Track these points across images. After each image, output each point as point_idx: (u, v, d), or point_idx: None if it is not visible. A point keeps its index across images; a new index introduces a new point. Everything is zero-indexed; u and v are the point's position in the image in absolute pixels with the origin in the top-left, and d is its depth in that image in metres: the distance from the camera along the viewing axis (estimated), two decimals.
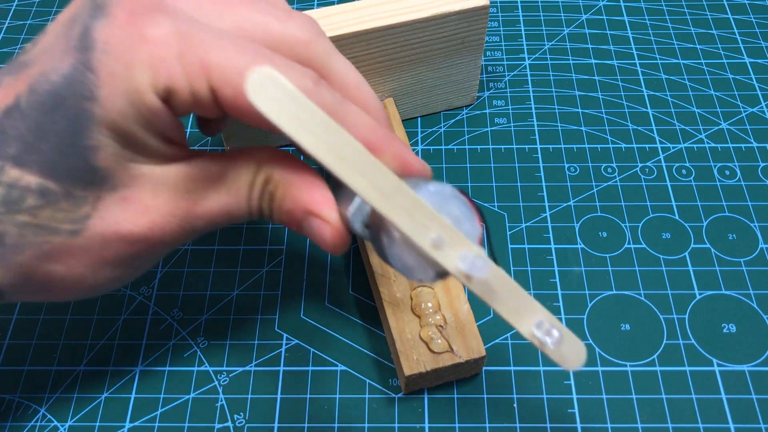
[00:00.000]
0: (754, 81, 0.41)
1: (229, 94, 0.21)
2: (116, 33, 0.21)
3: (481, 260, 0.20)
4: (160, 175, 0.23)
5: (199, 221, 0.24)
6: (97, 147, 0.22)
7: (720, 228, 0.35)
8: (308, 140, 0.18)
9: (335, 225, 0.23)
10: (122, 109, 0.21)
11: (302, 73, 0.22)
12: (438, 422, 0.29)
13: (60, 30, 0.22)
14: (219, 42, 0.21)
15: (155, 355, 0.31)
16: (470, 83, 0.39)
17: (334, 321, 0.32)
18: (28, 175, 0.22)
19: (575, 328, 0.32)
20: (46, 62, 0.22)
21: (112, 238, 0.23)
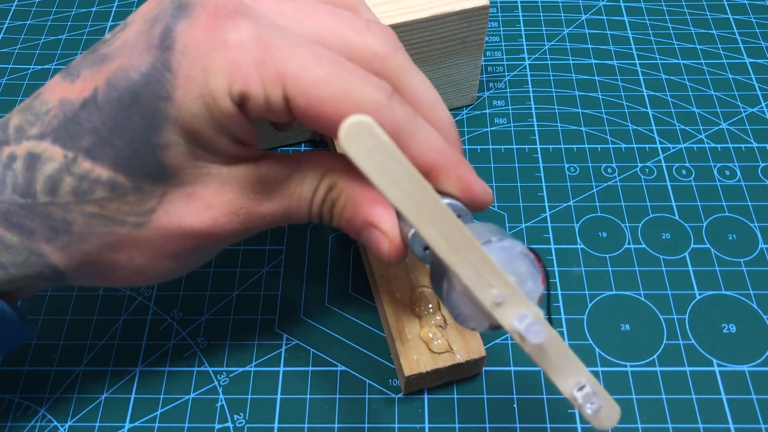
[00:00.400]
0: (754, 81, 0.41)
1: (302, 104, 0.21)
2: (197, 35, 0.21)
3: (538, 325, 0.20)
4: (226, 174, 0.23)
5: (260, 221, 0.24)
6: (168, 145, 0.22)
7: (720, 228, 0.35)
8: (391, 190, 0.18)
9: (393, 239, 0.24)
10: (196, 111, 0.21)
11: (377, 87, 0.22)
12: (438, 422, 0.29)
13: (142, 27, 0.22)
14: (297, 51, 0.21)
15: (155, 355, 0.31)
16: (470, 83, 0.39)
17: (334, 321, 0.32)
18: (99, 168, 0.22)
19: (575, 328, 0.32)
20: (126, 58, 0.22)
21: (174, 231, 0.23)
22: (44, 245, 0.23)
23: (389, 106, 0.22)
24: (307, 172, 0.24)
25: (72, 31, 0.46)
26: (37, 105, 0.23)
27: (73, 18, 0.47)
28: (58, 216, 0.23)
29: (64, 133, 0.22)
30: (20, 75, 0.43)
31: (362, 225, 0.24)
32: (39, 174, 0.22)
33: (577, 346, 0.31)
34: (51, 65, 0.44)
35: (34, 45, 0.45)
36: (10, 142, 0.23)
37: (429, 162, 0.23)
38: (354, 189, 0.24)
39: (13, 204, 0.22)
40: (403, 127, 0.22)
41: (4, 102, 0.42)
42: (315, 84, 0.21)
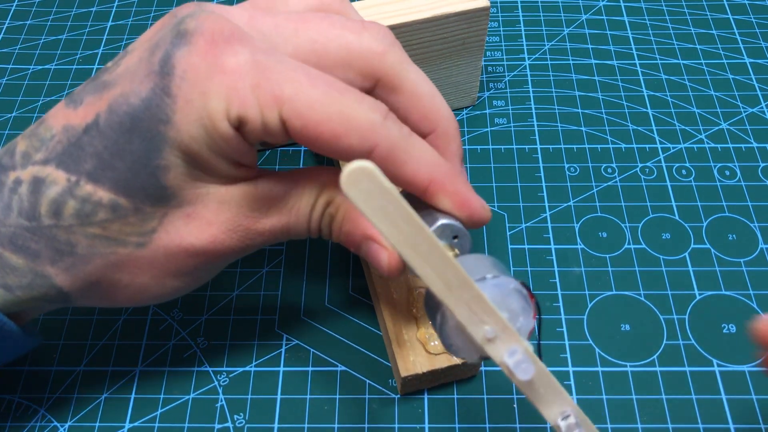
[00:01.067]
0: (754, 81, 0.41)
1: (298, 126, 0.22)
2: (195, 61, 0.22)
3: (527, 363, 0.21)
4: (225, 194, 0.24)
5: (259, 237, 0.25)
6: (168, 167, 0.23)
7: (720, 228, 0.35)
8: (389, 230, 0.18)
9: (393, 252, 0.24)
10: (195, 134, 0.22)
11: (372, 107, 0.22)
12: (438, 423, 0.29)
13: (142, 54, 0.23)
14: (292, 74, 0.22)
15: (155, 355, 0.31)
16: (470, 84, 0.39)
17: (334, 321, 0.32)
18: (101, 191, 0.23)
19: (575, 329, 0.32)
20: (127, 84, 0.22)
21: (175, 250, 0.24)
22: (49, 267, 0.23)
23: (384, 126, 0.22)
24: (305, 188, 0.25)
25: (72, 31, 0.46)
26: (41, 131, 0.24)
27: (73, 18, 0.47)
28: (62, 238, 0.23)
29: (67, 157, 0.23)
30: (20, 75, 0.43)
31: (361, 238, 0.25)
32: (43, 197, 0.23)
33: (577, 346, 0.31)
34: (51, 65, 0.44)
35: (34, 45, 0.45)
36: (17, 167, 0.23)
37: (426, 179, 0.23)
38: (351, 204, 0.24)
39: (18, 227, 0.23)
40: (399, 146, 0.23)
41: (4, 102, 0.42)
42: (310, 106, 0.21)
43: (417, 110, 0.25)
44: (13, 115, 0.41)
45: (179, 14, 0.23)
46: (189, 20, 0.22)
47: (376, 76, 0.24)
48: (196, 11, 0.23)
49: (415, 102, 0.24)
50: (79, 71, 0.43)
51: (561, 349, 0.31)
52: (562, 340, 0.31)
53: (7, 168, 0.24)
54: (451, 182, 0.24)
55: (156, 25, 0.24)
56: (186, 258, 0.24)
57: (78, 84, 0.43)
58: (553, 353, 0.31)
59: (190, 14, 0.23)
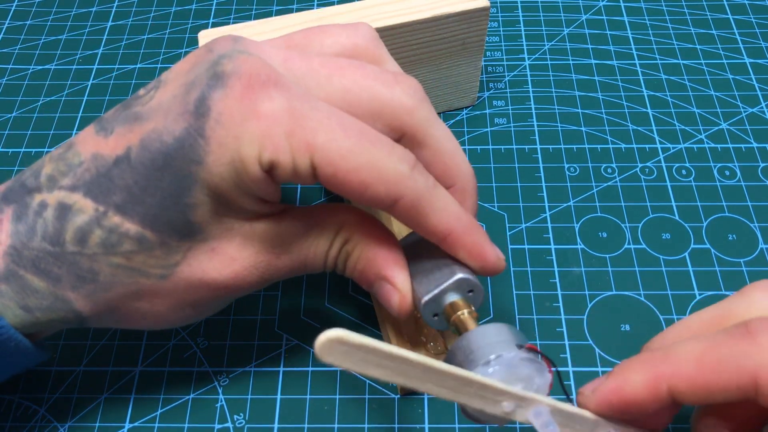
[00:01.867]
0: (754, 81, 0.41)
1: (328, 173, 0.22)
2: (231, 105, 0.22)
3: (552, 425, 0.21)
4: (249, 230, 0.24)
5: (277, 273, 0.25)
6: (197, 205, 0.23)
7: (720, 228, 0.35)
8: (376, 372, 0.19)
9: (405, 295, 0.25)
10: (225, 175, 0.22)
11: (401, 158, 0.23)
12: (438, 423, 0.29)
13: (177, 90, 0.23)
14: (326, 121, 0.22)
15: (155, 355, 0.31)
16: (470, 84, 0.39)
17: (334, 322, 0.32)
18: (128, 223, 0.23)
19: (575, 329, 0.32)
20: (161, 121, 0.22)
21: (196, 284, 0.24)
22: (70, 292, 0.24)
23: (411, 177, 0.23)
24: (324, 226, 0.25)
25: (72, 31, 0.46)
26: (70, 156, 0.24)
27: (73, 18, 0.47)
28: (85, 265, 0.23)
29: (96, 187, 0.23)
30: (20, 75, 0.43)
31: (375, 278, 0.25)
32: (69, 224, 0.23)
33: (577, 346, 0.31)
34: (51, 65, 0.44)
35: (34, 45, 0.45)
36: (42, 189, 0.23)
37: (445, 231, 0.24)
38: (369, 243, 0.25)
39: (42, 251, 0.23)
40: (424, 196, 0.23)
41: (4, 102, 0.42)
42: (342, 155, 0.22)
43: (439, 166, 0.25)
44: (13, 115, 0.41)
45: (216, 50, 0.23)
46: (226, 62, 0.22)
47: (403, 129, 0.24)
48: (233, 51, 0.23)
49: (438, 158, 0.25)
50: (79, 71, 0.43)
51: (561, 349, 0.31)
52: (562, 340, 0.31)
53: (32, 190, 0.24)
54: (468, 235, 0.24)
55: (190, 58, 0.24)
56: (206, 291, 0.25)
57: (78, 84, 0.43)
58: (553, 353, 0.31)
59: (228, 54, 0.22)
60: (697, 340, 0.20)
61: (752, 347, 0.19)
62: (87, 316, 0.25)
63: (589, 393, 0.22)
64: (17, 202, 0.24)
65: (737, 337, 0.19)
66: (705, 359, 0.19)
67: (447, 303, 0.24)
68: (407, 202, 0.23)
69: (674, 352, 0.20)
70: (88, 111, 0.41)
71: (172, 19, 0.47)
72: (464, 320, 0.24)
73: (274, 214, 0.25)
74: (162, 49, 0.45)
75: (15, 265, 0.23)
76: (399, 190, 0.23)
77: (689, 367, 0.19)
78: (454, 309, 0.24)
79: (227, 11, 0.47)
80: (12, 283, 0.23)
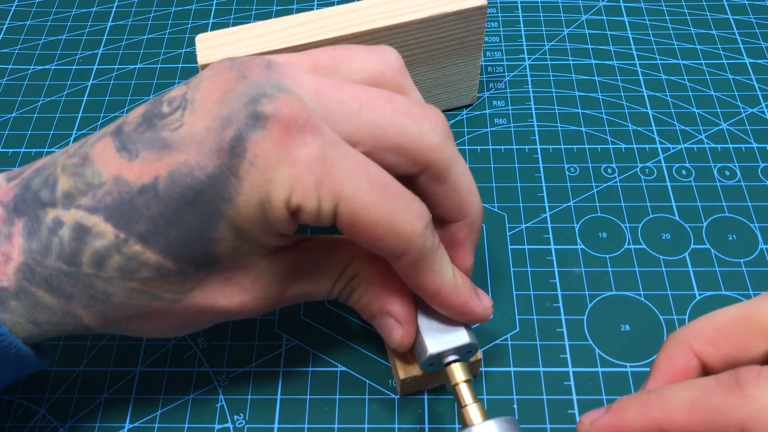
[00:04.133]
0: (754, 81, 0.41)
1: (347, 222, 0.23)
2: (267, 148, 0.22)
3: None
4: (266, 265, 0.25)
5: (283, 302, 0.26)
6: (220, 240, 0.23)
7: (720, 228, 0.35)
8: None
9: (409, 331, 0.27)
10: (253, 215, 0.22)
11: (417, 215, 0.23)
12: (438, 423, 0.29)
13: (212, 124, 0.22)
14: (355, 173, 0.22)
15: (155, 355, 0.31)
16: (470, 83, 0.39)
17: (334, 321, 0.32)
18: (149, 252, 0.23)
19: (575, 329, 0.32)
20: (193, 154, 0.22)
21: (205, 309, 0.25)
22: (81, 309, 0.24)
23: (422, 235, 0.24)
24: (334, 260, 0.26)
25: (72, 31, 0.46)
26: (89, 174, 0.23)
27: (73, 18, 0.47)
28: (100, 287, 0.23)
29: (118, 213, 0.23)
30: (20, 75, 0.43)
31: (378, 312, 0.27)
32: (87, 247, 0.23)
33: (577, 347, 0.31)
34: (51, 65, 0.44)
35: (34, 45, 0.45)
36: (57, 205, 0.23)
37: (436, 290, 0.25)
38: (375, 278, 0.26)
39: (55, 270, 0.23)
40: (426, 257, 0.24)
41: (4, 102, 0.42)
42: (365, 207, 0.22)
43: (454, 200, 0.26)
44: (13, 115, 0.41)
45: (250, 77, 0.23)
46: (266, 102, 0.22)
47: (427, 165, 0.25)
48: (272, 88, 0.22)
49: (455, 193, 0.26)
50: (78, 71, 0.44)
51: (561, 349, 0.31)
52: (562, 340, 0.31)
53: (45, 204, 0.23)
54: (456, 297, 0.26)
55: (220, 81, 0.23)
56: (213, 315, 0.25)
57: (78, 84, 0.43)
58: (553, 353, 0.31)
59: (267, 94, 0.22)
60: (691, 386, 0.20)
61: (740, 399, 0.19)
62: (94, 328, 0.25)
63: (588, 424, 0.22)
64: (28, 215, 0.23)
65: (727, 388, 0.19)
66: (695, 408, 0.20)
67: (446, 361, 0.26)
68: (412, 258, 0.24)
69: (668, 397, 0.20)
70: (88, 111, 0.41)
71: (172, 19, 0.47)
72: (469, 412, 0.25)
73: (288, 247, 0.25)
74: (162, 49, 0.45)
75: (27, 282, 0.23)
76: (409, 246, 0.23)
77: (680, 414, 0.20)
78: (454, 373, 0.26)
79: (227, 11, 0.47)
80: (23, 299, 0.23)
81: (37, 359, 0.25)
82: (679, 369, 0.22)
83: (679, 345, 0.22)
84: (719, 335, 0.22)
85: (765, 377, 0.19)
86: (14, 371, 0.25)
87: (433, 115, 0.25)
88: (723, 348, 0.22)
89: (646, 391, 0.21)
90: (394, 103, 0.24)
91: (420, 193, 0.26)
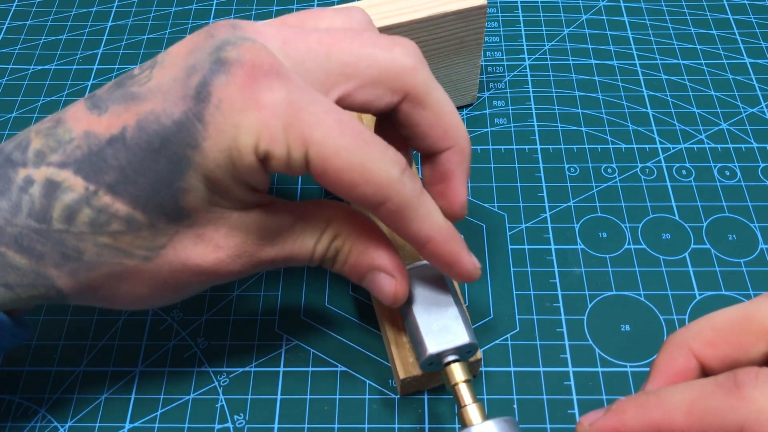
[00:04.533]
0: (754, 81, 0.41)
1: (320, 168, 0.22)
2: (232, 92, 0.22)
3: None
4: (236, 219, 0.24)
5: (260, 264, 0.26)
6: (189, 189, 0.23)
7: (720, 228, 0.35)
8: None
9: (401, 279, 0.26)
10: (221, 162, 0.22)
11: (392, 161, 0.23)
12: (438, 423, 0.29)
13: (178, 73, 0.23)
14: (324, 117, 0.22)
15: (155, 355, 0.31)
16: (470, 83, 0.39)
17: (334, 321, 0.32)
18: (119, 203, 0.23)
19: (575, 329, 0.32)
20: (159, 103, 0.22)
21: (179, 268, 0.24)
22: (52, 269, 0.24)
23: (400, 181, 0.23)
24: (312, 220, 0.26)
25: (72, 31, 0.46)
26: (60, 132, 0.23)
27: (73, 18, 0.47)
28: (71, 244, 0.23)
29: (87, 165, 0.23)
30: (20, 75, 0.43)
31: (367, 269, 0.26)
32: (57, 202, 0.23)
33: (577, 347, 0.31)
34: (51, 65, 0.44)
35: (34, 45, 0.45)
36: (28, 164, 0.23)
37: (425, 238, 0.25)
38: (359, 237, 0.26)
39: (26, 228, 0.23)
40: (410, 202, 0.24)
41: (4, 102, 0.42)
42: (336, 152, 0.22)
43: (440, 126, 0.25)
44: (13, 115, 0.41)
45: (217, 35, 0.23)
46: (230, 48, 0.22)
47: (406, 90, 0.25)
48: (236, 39, 0.23)
49: (439, 119, 0.25)
50: (78, 71, 0.44)
51: (561, 349, 0.31)
52: (562, 340, 0.31)
53: (16, 164, 0.23)
54: (448, 244, 0.25)
55: (188, 42, 0.24)
56: (188, 275, 0.25)
57: (78, 84, 0.43)
58: (553, 353, 0.31)
59: (231, 42, 0.23)
60: (689, 388, 0.20)
61: (739, 401, 0.19)
62: (68, 294, 0.24)
63: (587, 426, 0.22)
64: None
65: (725, 389, 0.19)
66: (694, 410, 0.20)
67: (446, 361, 0.26)
68: (393, 206, 0.23)
69: (667, 399, 0.20)
70: None
71: (172, 19, 0.47)
72: (468, 412, 0.25)
73: (262, 204, 0.25)
74: (162, 49, 0.45)
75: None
76: (386, 193, 0.23)
77: (679, 416, 0.20)
78: (453, 373, 0.26)
79: (227, 11, 0.47)
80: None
81: (13, 327, 0.25)
82: (678, 370, 0.22)
83: (679, 346, 0.22)
84: (718, 336, 0.22)
85: (763, 379, 0.19)
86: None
87: (403, 41, 0.25)
88: (722, 349, 0.22)
89: (644, 393, 0.21)
90: (361, 38, 0.24)
91: (404, 126, 0.26)
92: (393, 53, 0.24)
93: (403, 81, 0.24)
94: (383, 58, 0.24)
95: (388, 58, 0.24)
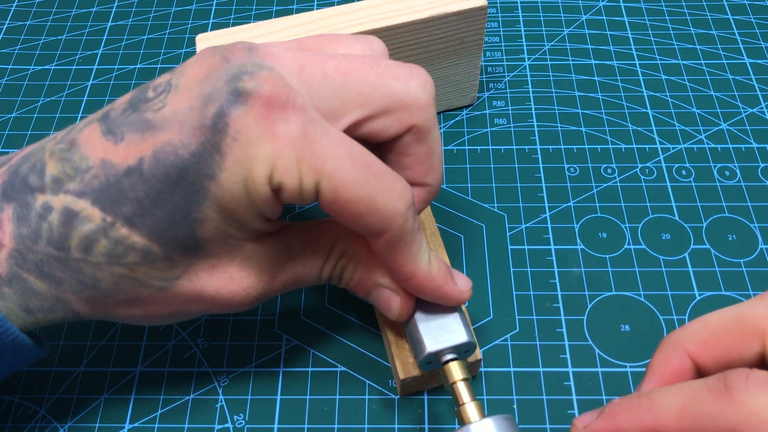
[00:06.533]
0: (754, 81, 0.41)
1: (329, 199, 0.23)
2: (249, 123, 0.22)
3: None
4: (250, 251, 0.25)
5: (273, 291, 0.26)
6: (204, 220, 0.23)
7: (720, 229, 0.35)
8: None
9: (405, 297, 0.26)
10: (236, 193, 0.22)
11: (399, 196, 0.23)
12: (438, 423, 0.29)
13: (194, 102, 0.22)
14: (336, 150, 0.22)
15: (155, 355, 0.31)
16: (470, 83, 0.39)
17: (334, 322, 0.32)
18: (135, 236, 0.23)
19: (575, 329, 0.32)
20: (176, 133, 0.22)
21: (193, 297, 0.25)
22: (70, 295, 0.24)
23: (404, 216, 0.24)
24: (319, 243, 0.26)
25: (72, 31, 0.46)
26: (76, 159, 0.23)
27: (73, 18, 0.47)
28: (88, 272, 0.23)
29: (104, 196, 0.23)
30: (20, 75, 0.43)
31: (372, 286, 0.26)
32: (75, 232, 0.23)
33: (577, 347, 0.31)
34: (51, 65, 0.44)
35: (34, 45, 0.45)
36: (46, 190, 0.23)
37: (411, 273, 0.25)
38: (363, 254, 0.26)
39: (46, 255, 0.23)
40: (405, 238, 0.24)
41: (4, 102, 0.42)
42: (346, 184, 0.22)
43: (426, 164, 0.26)
44: (13, 116, 0.41)
45: (232, 59, 0.23)
46: (247, 79, 0.22)
47: (413, 124, 0.25)
48: (253, 66, 0.23)
49: (429, 157, 0.26)
50: (78, 71, 0.44)
51: (561, 349, 0.31)
52: (561, 340, 0.31)
53: (35, 189, 0.23)
54: (429, 282, 0.26)
55: (203, 65, 0.23)
56: (200, 304, 0.25)
57: (78, 84, 0.43)
58: (553, 353, 0.31)
59: (248, 71, 0.22)
60: (680, 391, 0.20)
61: (729, 405, 0.19)
62: (85, 315, 0.25)
63: (581, 428, 0.22)
64: (17, 200, 0.23)
65: (716, 393, 0.19)
66: (685, 414, 0.20)
67: (444, 359, 0.26)
68: (390, 237, 0.24)
69: (658, 402, 0.21)
70: (88, 111, 0.41)
71: (172, 20, 0.47)
72: (466, 410, 0.25)
73: (274, 232, 0.25)
74: (162, 50, 0.45)
75: (19, 268, 0.23)
76: (388, 225, 0.23)
77: (671, 420, 0.20)
78: (452, 371, 0.26)
79: (227, 11, 0.47)
80: (15, 286, 0.23)
81: (34, 347, 0.25)
82: (673, 371, 0.22)
83: (674, 347, 0.22)
84: (712, 337, 0.22)
85: (754, 381, 0.19)
86: (12, 360, 0.25)
87: (420, 73, 0.25)
88: (716, 350, 0.22)
89: (637, 395, 0.21)
90: (379, 67, 0.24)
91: (394, 152, 0.26)
92: (409, 86, 0.24)
93: (413, 115, 0.25)
94: (399, 91, 0.24)
95: (403, 91, 0.24)
